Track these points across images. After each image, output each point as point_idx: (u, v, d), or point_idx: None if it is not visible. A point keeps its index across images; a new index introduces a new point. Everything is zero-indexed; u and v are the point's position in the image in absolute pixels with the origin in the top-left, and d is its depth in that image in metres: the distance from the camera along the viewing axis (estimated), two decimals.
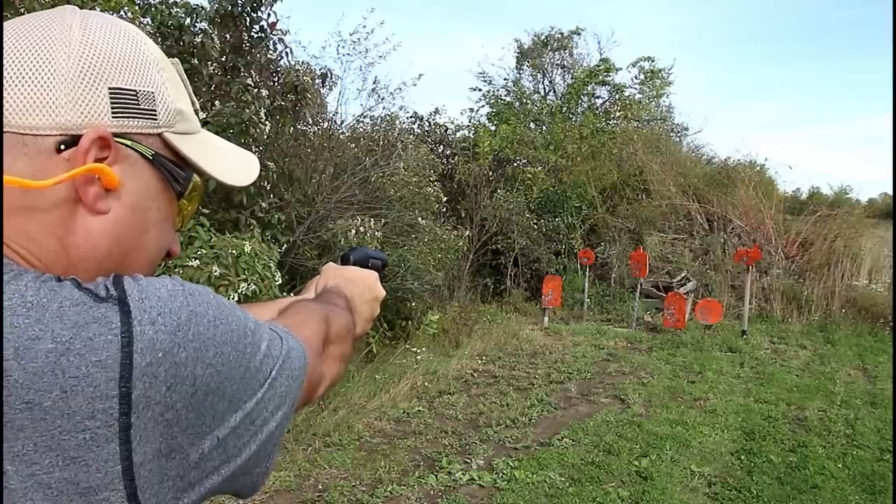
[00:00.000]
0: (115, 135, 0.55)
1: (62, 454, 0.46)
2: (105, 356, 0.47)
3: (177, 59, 0.65)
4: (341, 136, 6.72)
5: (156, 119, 0.58)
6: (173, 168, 0.61)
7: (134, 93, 0.57)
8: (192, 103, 0.66)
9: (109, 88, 0.55)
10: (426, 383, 5.69)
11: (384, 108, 7.07)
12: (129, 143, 0.57)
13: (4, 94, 0.52)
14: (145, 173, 0.58)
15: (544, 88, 15.72)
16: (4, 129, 0.52)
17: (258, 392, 0.57)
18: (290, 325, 0.69)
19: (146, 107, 0.58)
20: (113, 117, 0.55)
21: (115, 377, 0.47)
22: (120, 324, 0.48)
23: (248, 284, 3.65)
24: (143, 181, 0.58)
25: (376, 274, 1.00)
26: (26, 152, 0.52)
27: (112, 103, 0.55)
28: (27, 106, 0.52)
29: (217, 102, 4.28)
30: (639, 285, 8.92)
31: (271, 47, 5.02)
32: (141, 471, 0.48)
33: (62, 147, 0.53)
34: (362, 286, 0.95)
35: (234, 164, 0.71)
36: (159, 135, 0.59)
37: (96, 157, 0.54)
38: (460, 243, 7.33)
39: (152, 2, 4.39)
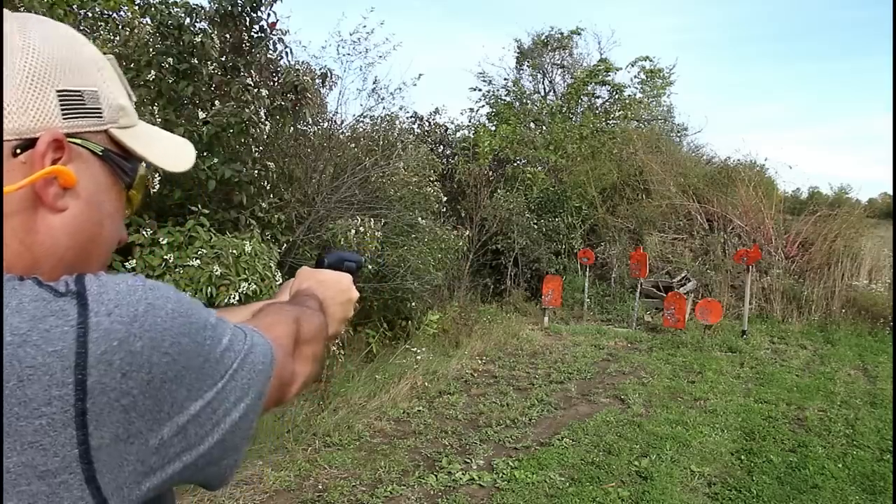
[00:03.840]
0: (67, 135, 0.58)
1: (19, 439, 0.48)
2: (61, 346, 0.49)
3: (112, 56, 0.68)
4: (341, 136, 6.71)
5: (102, 117, 0.62)
6: (121, 161, 0.64)
7: (80, 93, 0.59)
8: (129, 97, 0.68)
9: (57, 91, 0.57)
10: (426, 383, 5.69)
11: (384, 108, 7.06)
12: (80, 141, 0.59)
13: None
14: (96, 169, 0.62)
15: (544, 88, 15.74)
16: None
17: (219, 382, 0.59)
18: (261, 326, 0.71)
19: (92, 106, 0.60)
20: (63, 119, 0.58)
21: (71, 365, 0.49)
22: (77, 316, 0.50)
23: (249, 284, 3.65)
24: (95, 177, 0.62)
25: (350, 276, 1.00)
26: None
27: (61, 105, 0.58)
28: None
29: (217, 102, 4.27)
30: (639, 285, 8.92)
31: (271, 47, 5.01)
32: (99, 454, 0.50)
33: (18, 151, 0.55)
34: (335, 289, 0.96)
35: (173, 152, 0.73)
36: (105, 131, 0.62)
37: (52, 158, 0.56)
38: (460, 243, 7.33)
39: (152, 1, 4.39)
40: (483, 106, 14.65)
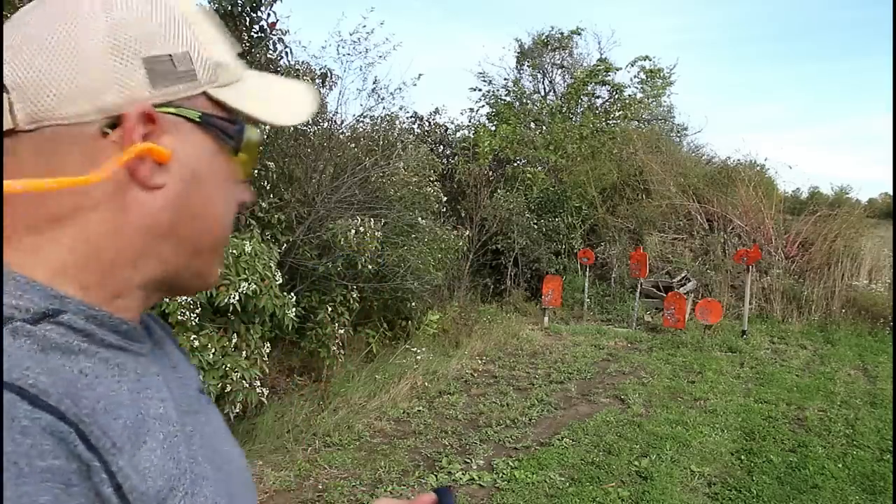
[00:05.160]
0: (159, 104, 0.53)
1: None
2: None
3: (205, 3, 0.63)
4: (341, 136, 6.70)
5: (196, 79, 0.55)
6: (224, 124, 0.57)
7: (168, 57, 0.54)
8: (231, 49, 0.61)
9: (143, 59, 0.52)
10: (426, 383, 5.69)
11: (384, 108, 7.04)
12: (173, 110, 0.54)
13: (44, 86, 0.50)
14: (195, 137, 0.56)
15: (544, 88, 15.74)
16: (51, 123, 0.50)
17: None
18: None
19: (184, 69, 0.54)
20: (153, 88, 0.53)
21: None
22: None
23: (249, 284, 3.65)
24: (194, 146, 0.56)
25: None
26: (75, 142, 0.51)
27: (149, 74, 0.52)
28: (66, 95, 0.50)
29: None
30: (639, 285, 8.92)
31: (271, 47, 5.02)
32: None
33: (107, 131, 0.51)
34: None
35: (284, 105, 0.64)
36: (203, 93, 0.56)
37: (142, 133, 0.52)
38: (460, 243, 7.33)
39: None
40: (483, 106, 14.64)
